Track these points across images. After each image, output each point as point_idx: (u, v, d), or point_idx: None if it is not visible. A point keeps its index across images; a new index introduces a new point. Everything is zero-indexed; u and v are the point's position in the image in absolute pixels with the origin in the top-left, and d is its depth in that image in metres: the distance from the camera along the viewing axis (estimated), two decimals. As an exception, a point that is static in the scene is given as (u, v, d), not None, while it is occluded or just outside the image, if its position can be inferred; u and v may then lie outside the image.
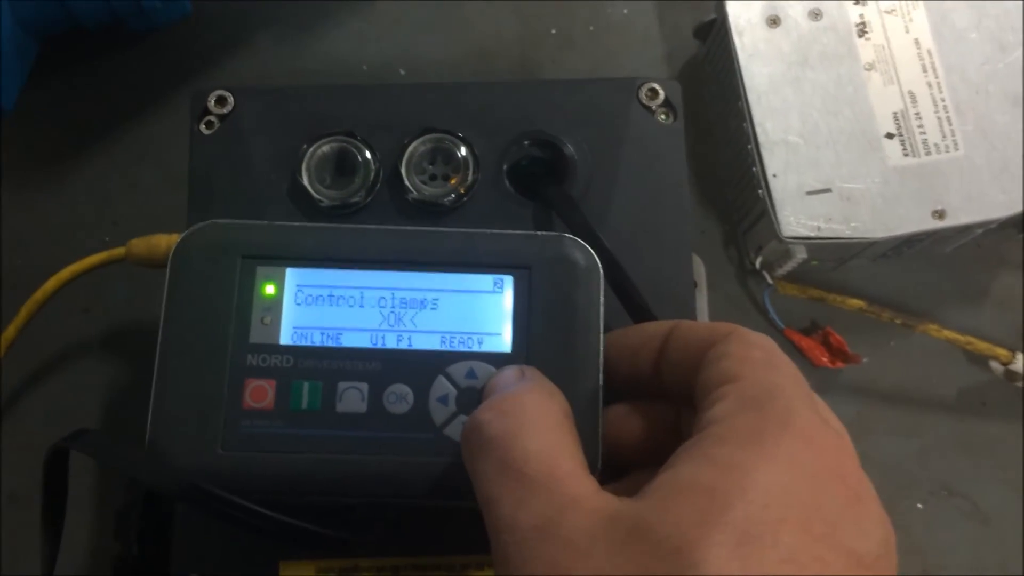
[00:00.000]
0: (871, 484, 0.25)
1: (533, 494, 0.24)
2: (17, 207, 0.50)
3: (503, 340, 0.31)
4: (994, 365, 0.47)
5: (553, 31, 0.52)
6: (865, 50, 0.45)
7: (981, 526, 0.47)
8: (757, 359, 0.26)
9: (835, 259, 0.47)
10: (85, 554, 0.44)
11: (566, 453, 0.26)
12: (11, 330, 0.42)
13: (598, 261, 0.32)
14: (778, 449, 0.23)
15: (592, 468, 0.29)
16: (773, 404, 0.24)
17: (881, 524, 0.24)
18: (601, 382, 0.31)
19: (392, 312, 0.32)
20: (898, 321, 0.47)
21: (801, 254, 0.44)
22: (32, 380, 0.47)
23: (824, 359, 0.48)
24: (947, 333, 0.47)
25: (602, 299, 0.32)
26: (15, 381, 0.47)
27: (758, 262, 0.47)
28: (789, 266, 0.46)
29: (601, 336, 0.31)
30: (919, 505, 0.47)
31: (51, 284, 0.41)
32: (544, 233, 0.33)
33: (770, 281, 0.48)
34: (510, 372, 0.30)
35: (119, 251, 0.39)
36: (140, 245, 0.38)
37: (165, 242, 0.37)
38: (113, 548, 0.39)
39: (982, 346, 0.47)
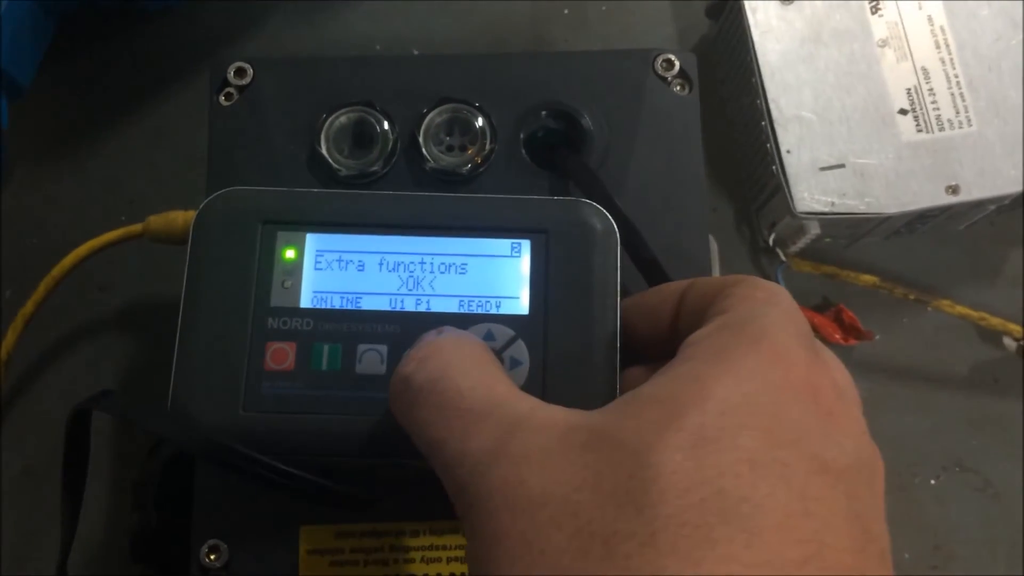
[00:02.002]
0: (853, 409, 0.25)
1: (477, 423, 0.24)
2: (33, 186, 0.50)
3: (521, 303, 0.32)
4: (1007, 341, 0.47)
5: (566, 11, 0.52)
6: (878, 27, 0.46)
7: (993, 501, 0.47)
8: (757, 297, 0.26)
9: (848, 235, 0.48)
10: (102, 525, 0.44)
11: (499, 379, 0.26)
12: (29, 306, 0.42)
13: (615, 225, 0.32)
14: (743, 363, 0.23)
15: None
16: (748, 327, 0.24)
17: (856, 440, 0.23)
18: (619, 344, 0.31)
19: (411, 276, 0.32)
20: (911, 297, 0.48)
21: (815, 230, 0.45)
22: (49, 356, 0.47)
23: (837, 336, 0.48)
24: (960, 309, 0.47)
25: (619, 262, 0.32)
26: (32, 357, 0.47)
27: (772, 239, 0.47)
28: (803, 243, 0.46)
29: (618, 298, 0.31)
30: (931, 481, 0.47)
31: (69, 260, 0.41)
32: (561, 198, 0.34)
33: (783, 258, 0.48)
34: (427, 333, 0.29)
35: (136, 227, 0.39)
36: (158, 221, 0.38)
37: (182, 218, 0.38)
38: (131, 518, 0.39)
39: (995, 322, 0.47)
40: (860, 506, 0.22)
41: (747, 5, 0.46)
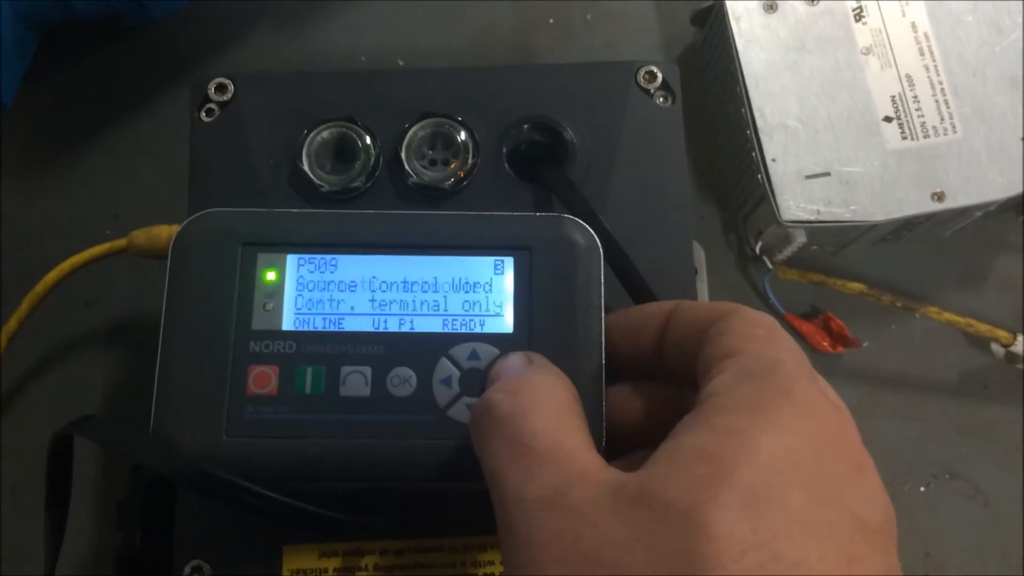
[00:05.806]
0: (871, 458, 0.25)
1: (541, 467, 0.24)
2: (18, 201, 0.50)
3: (505, 321, 0.31)
4: (995, 348, 0.47)
5: (551, 21, 0.52)
6: (862, 34, 0.46)
7: (983, 508, 0.47)
8: (759, 335, 0.26)
9: (835, 243, 0.48)
10: (87, 545, 0.44)
11: (573, 430, 0.26)
12: (13, 322, 0.42)
13: (598, 241, 0.32)
14: (781, 417, 0.23)
15: (596, 446, 0.29)
16: (774, 376, 0.24)
17: (882, 495, 0.24)
18: (603, 361, 0.31)
19: (393, 295, 0.32)
20: (898, 304, 0.48)
21: (801, 238, 0.45)
22: (34, 373, 0.47)
23: (825, 344, 0.48)
24: (948, 316, 0.47)
25: (602, 279, 0.32)
26: (17, 374, 0.47)
27: (758, 247, 0.47)
28: (789, 251, 0.46)
29: (602, 315, 0.31)
30: (921, 488, 0.47)
31: (53, 276, 0.41)
32: (544, 214, 0.33)
33: (770, 266, 0.48)
34: (517, 357, 0.30)
35: (121, 242, 0.39)
36: (142, 236, 0.38)
37: (166, 233, 0.37)
38: (116, 537, 0.39)
39: (983, 328, 0.47)
40: (890, 561, 0.23)
41: (731, 13, 0.46)
